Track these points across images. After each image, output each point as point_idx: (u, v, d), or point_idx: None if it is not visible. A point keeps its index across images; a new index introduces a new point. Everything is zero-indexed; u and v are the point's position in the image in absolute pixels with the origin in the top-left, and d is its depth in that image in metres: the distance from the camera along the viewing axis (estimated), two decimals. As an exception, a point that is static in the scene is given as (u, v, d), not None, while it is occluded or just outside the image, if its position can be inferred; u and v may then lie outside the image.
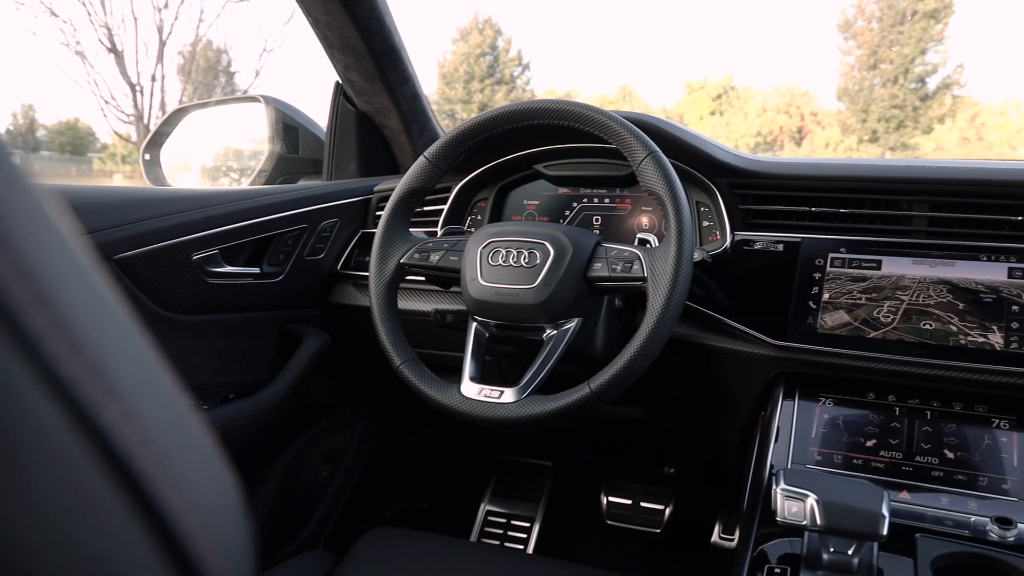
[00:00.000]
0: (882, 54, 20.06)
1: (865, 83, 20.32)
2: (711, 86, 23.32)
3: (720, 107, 23.01)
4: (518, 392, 1.11)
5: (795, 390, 1.25)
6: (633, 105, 23.68)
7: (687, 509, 1.96)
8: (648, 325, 1.04)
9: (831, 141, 20.16)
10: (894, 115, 19.68)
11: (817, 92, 25.24)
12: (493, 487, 2.14)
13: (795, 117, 21.33)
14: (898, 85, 19.74)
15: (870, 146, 19.54)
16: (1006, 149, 18.95)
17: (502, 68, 25.95)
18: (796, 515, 0.91)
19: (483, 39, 25.53)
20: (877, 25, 20.38)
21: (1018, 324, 1.12)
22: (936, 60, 19.92)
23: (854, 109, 20.46)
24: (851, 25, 20.77)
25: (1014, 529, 1.02)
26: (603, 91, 25.45)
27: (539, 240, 1.16)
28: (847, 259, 1.24)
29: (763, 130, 21.21)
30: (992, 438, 1.13)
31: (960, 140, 19.13)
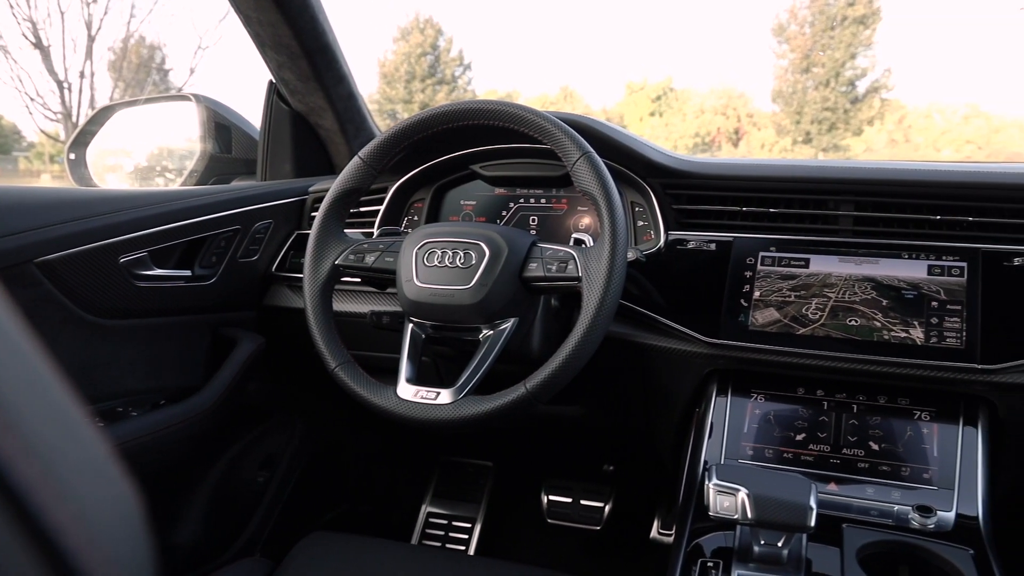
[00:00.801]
0: (814, 58, 20.61)
1: (798, 86, 20.85)
2: (651, 87, 23.63)
3: (659, 108, 23.33)
4: (454, 393, 1.11)
5: (728, 387, 1.27)
6: (574, 106, 23.84)
7: (626, 506, 1.98)
8: (582, 325, 1.05)
9: (767, 142, 20.62)
10: (826, 117, 20.24)
11: (753, 94, 25.82)
12: (434, 488, 2.13)
13: (732, 118, 21.76)
14: (830, 88, 20.30)
15: (804, 147, 20.05)
16: (931, 151, 19.65)
17: (443, 68, 25.85)
18: (728, 509, 0.93)
19: (424, 39, 25.40)
20: (809, 30, 20.93)
21: (937, 319, 1.16)
22: (865, 64, 20.56)
23: (788, 111, 20.98)
24: (784, 29, 21.27)
25: (934, 516, 1.06)
26: (544, 91, 25.56)
27: (474, 241, 1.16)
28: (777, 258, 1.27)
29: (701, 131, 21.58)
30: (914, 429, 1.17)
31: (888, 142, 19.76)
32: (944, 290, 1.17)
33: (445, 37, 25.50)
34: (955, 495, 1.10)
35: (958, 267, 1.18)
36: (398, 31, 25.60)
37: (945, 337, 1.15)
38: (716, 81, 30.29)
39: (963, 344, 1.13)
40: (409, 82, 25.43)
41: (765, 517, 0.91)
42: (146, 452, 1.31)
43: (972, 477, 1.11)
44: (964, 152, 19.07)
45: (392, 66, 25.55)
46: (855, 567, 0.97)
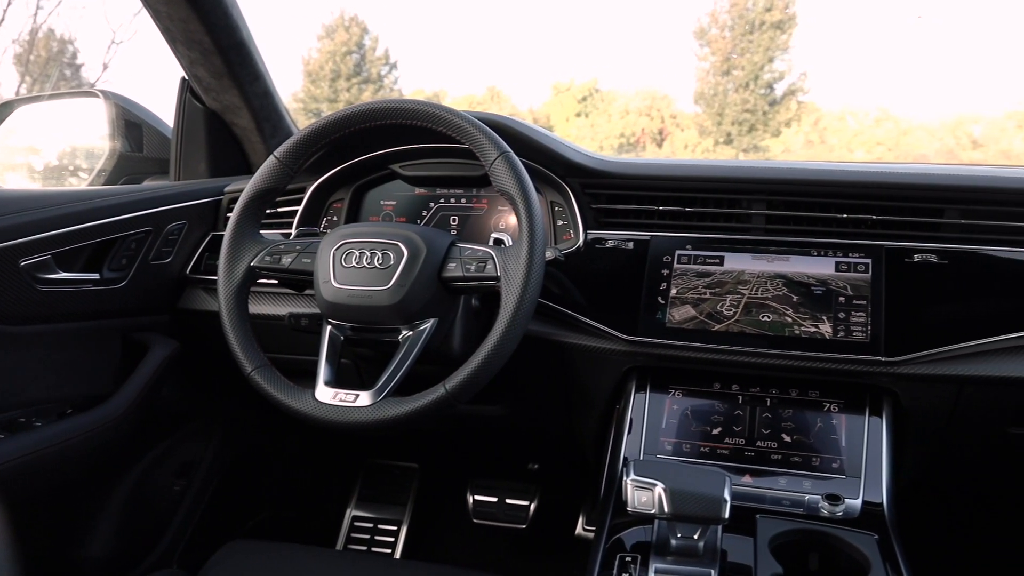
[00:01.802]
0: (734, 61, 21.14)
1: (719, 88, 21.34)
2: (576, 88, 23.85)
3: (585, 109, 23.56)
4: (374, 395, 1.10)
5: (647, 383, 1.30)
6: (501, 106, 23.90)
7: (552, 503, 2.00)
8: (501, 324, 1.06)
9: (689, 143, 21.04)
10: (746, 119, 20.77)
11: (676, 96, 26.30)
12: (359, 492, 2.11)
13: (656, 119, 22.12)
14: (749, 90, 20.83)
15: (725, 148, 20.53)
16: (845, 152, 20.37)
17: (369, 67, 25.56)
18: (645, 504, 0.95)
19: (349, 37, 25.05)
20: (729, 33, 21.45)
21: (844, 314, 1.20)
22: (783, 68, 21.17)
23: (710, 112, 21.45)
24: (706, 33, 21.75)
25: (842, 504, 1.10)
26: (471, 91, 25.56)
27: (392, 241, 1.15)
28: (693, 256, 1.30)
29: (626, 131, 21.87)
30: (824, 421, 1.22)
31: (805, 143, 20.40)
32: (850, 286, 1.22)
33: (371, 36, 25.21)
34: (862, 483, 1.14)
35: (863, 263, 1.23)
36: (323, 29, 25.19)
37: (852, 331, 1.19)
38: (640, 83, 30.82)
39: (868, 337, 1.18)
40: (334, 81, 25.06)
41: (681, 511, 0.94)
42: (51, 464, 1.26)
43: (877, 465, 1.16)
44: (875, 153, 19.84)
45: (317, 64, 25.13)
46: (767, 556, 1.00)
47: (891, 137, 19.97)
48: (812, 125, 21.04)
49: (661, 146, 21.49)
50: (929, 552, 1.41)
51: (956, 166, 1.36)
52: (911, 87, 25.82)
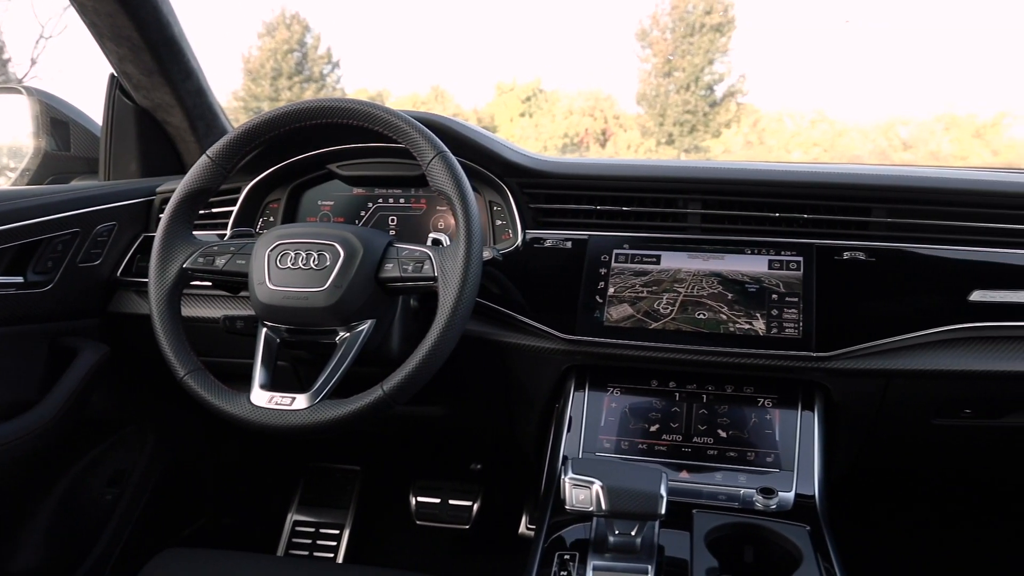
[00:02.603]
0: (675, 63, 21.41)
1: (661, 89, 21.58)
2: (520, 88, 23.89)
3: (529, 109, 23.62)
4: (310, 398, 1.09)
5: (585, 382, 1.31)
6: (445, 106, 23.79)
7: (495, 503, 2.00)
8: (439, 324, 1.05)
9: (632, 143, 21.24)
10: (687, 120, 21.07)
11: (619, 96, 26.51)
12: (300, 496, 2.08)
13: (599, 120, 22.27)
14: (690, 92, 21.13)
15: (667, 148, 20.79)
16: (783, 152, 20.82)
17: (311, 66, 25.19)
18: (583, 502, 0.96)
19: (291, 35, 24.66)
20: (670, 35, 21.73)
21: (777, 311, 1.23)
22: (722, 70, 21.52)
23: (652, 113, 21.70)
24: (647, 34, 21.99)
25: (775, 497, 1.13)
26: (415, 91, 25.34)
27: (328, 241, 1.14)
28: (630, 255, 1.31)
29: (570, 132, 21.97)
30: (759, 416, 1.24)
31: (745, 143, 20.78)
32: (783, 283, 1.24)
33: (312, 34, 24.85)
34: (794, 476, 1.17)
35: (795, 261, 1.26)
36: (263, 26, 24.72)
37: (784, 328, 1.21)
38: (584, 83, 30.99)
39: (800, 334, 1.21)
40: (276, 79, 24.64)
41: (618, 508, 0.94)
42: None
43: (810, 459, 1.19)
44: (812, 154, 20.32)
45: (257, 62, 24.68)
46: (703, 550, 1.01)
47: (827, 138, 20.47)
48: (751, 126, 21.45)
49: (605, 146, 21.66)
50: (860, 541, 1.46)
51: (883, 166, 1.41)
52: (845, 90, 26.50)
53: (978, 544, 1.85)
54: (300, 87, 24.61)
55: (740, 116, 21.43)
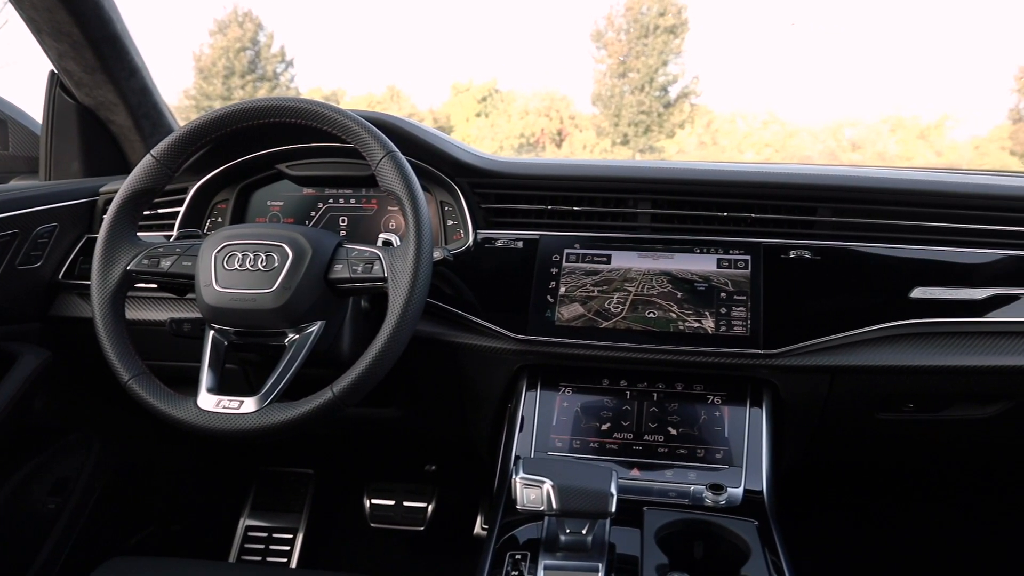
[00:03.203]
0: (630, 63, 21.61)
1: (616, 90, 21.77)
2: (476, 88, 23.87)
3: (485, 109, 23.61)
4: (259, 401, 1.07)
5: (537, 381, 1.31)
6: (400, 105, 23.66)
7: (450, 504, 1.99)
8: (389, 326, 1.05)
9: (588, 143, 21.38)
10: (642, 120, 21.28)
11: (574, 97, 26.69)
12: (252, 501, 2.05)
13: (555, 120, 22.37)
14: (644, 93, 21.35)
15: (622, 148, 20.98)
16: (736, 153, 21.16)
17: (264, 64, 24.86)
18: (534, 502, 0.96)
19: (243, 33, 24.30)
20: (625, 37, 21.91)
21: (726, 309, 1.25)
22: (676, 71, 21.79)
23: (607, 114, 21.86)
24: (602, 35, 22.15)
25: (724, 493, 1.14)
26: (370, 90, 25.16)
27: (277, 242, 1.12)
28: (581, 254, 1.32)
29: (526, 132, 22.03)
30: (708, 413, 1.26)
31: (699, 144, 21.06)
32: (731, 282, 1.26)
33: (266, 32, 24.54)
34: (743, 472, 1.18)
35: (743, 260, 1.28)
36: (215, 24, 24.34)
37: (732, 325, 1.23)
38: (539, 84, 31.14)
39: (748, 332, 1.22)
40: (228, 78, 24.27)
41: (569, 507, 0.95)
42: None
43: (758, 454, 1.21)
44: (764, 154, 20.67)
45: (209, 60, 24.29)
46: (653, 547, 1.02)
47: (778, 139, 20.85)
48: (705, 127, 21.74)
49: (560, 146, 21.78)
50: (808, 534, 1.48)
51: (828, 167, 1.44)
52: (795, 92, 27.04)
53: (923, 534, 1.90)
54: (253, 86, 24.27)
55: (694, 117, 21.71)
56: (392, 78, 36.90)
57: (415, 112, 23.27)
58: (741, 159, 17.07)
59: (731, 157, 21.39)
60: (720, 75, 26.32)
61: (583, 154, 21.59)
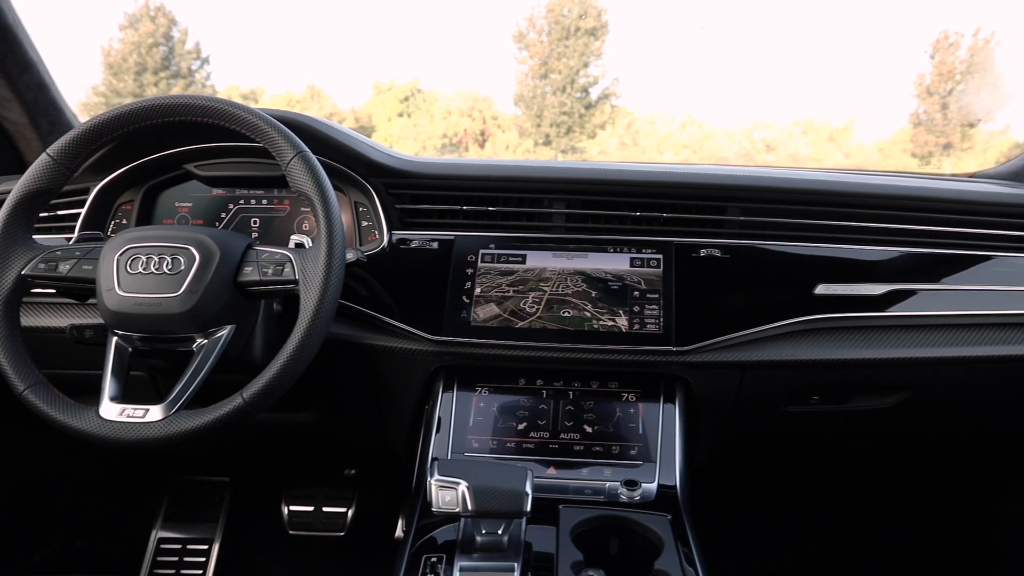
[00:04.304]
0: (551, 65, 21.79)
1: (538, 91, 21.91)
2: (398, 88, 23.67)
3: (408, 109, 23.43)
4: (165, 409, 1.04)
5: (454, 382, 1.31)
6: (321, 105, 23.29)
7: (370, 508, 1.97)
8: (300, 329, 1.03)
9: (511, 144, 21.46)
10: (563, 121, 21.48)
11: (497, 97, 26.72)
12: (164, 512, 1.99)
13: (478, 120, 22.36)
14: (566, 94, 21.56)
15: (545, 149, 21.13)
16: (656, 154, 21.58)
17: (179, 61, 24.11)
18: (450, 503, 0.96)
19: (156, 28, 23.50)
20: (547, 38, 22.07)
21: (639, 308, 1.27)
22: (597, 73, 22.06)
23: (529, 115, 21.99)
24: (524, 36, 22.27)
25: (639, 489, 1.16)
26: (290, 89, 24.65)
27: (183, 245, 1.09)
28: (496, 255, 1.32)
29: (449, 132, 21.96)
30: (623, 410, 1.27)
31: (619, 145, 21.38)
32: (644, 280, 1.28)
33: (180, 27, 23.79)
34: (657, 468, 1.20)
35: (655, 259, 1.30)
36: (125, 18, 23.47)
37: (646, 323, 1.25)
38: (462, 84, 31.07)
39: (660, 329, 1.25)
40: (140, 74, 23.43)
41: (484, 507, 0.95)
42: None
43: (672, 450, 1.23)
44: (682, 155, 21.13)
45: (119, 56, 23.41)
46: (568, 544, 1.03)
47: (696, 140, 21.33)
48: (625, 128, 22.08)
49: (483, 147, 21.80)
50: (722, 527, 1.52)
51: (737, 167, 1.47)
52: (712, 94, 27.71)
53: (832, 523, 1.97)
54: (167, 83, 23.50)
55: (615, 118, 22.03)
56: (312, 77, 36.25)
57: (336, 111, 22.94)
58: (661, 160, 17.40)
59: (651, 158, 21.77)
60: (640, 77, 26.81)
61: (506, 154, 21.65)
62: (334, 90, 30.14)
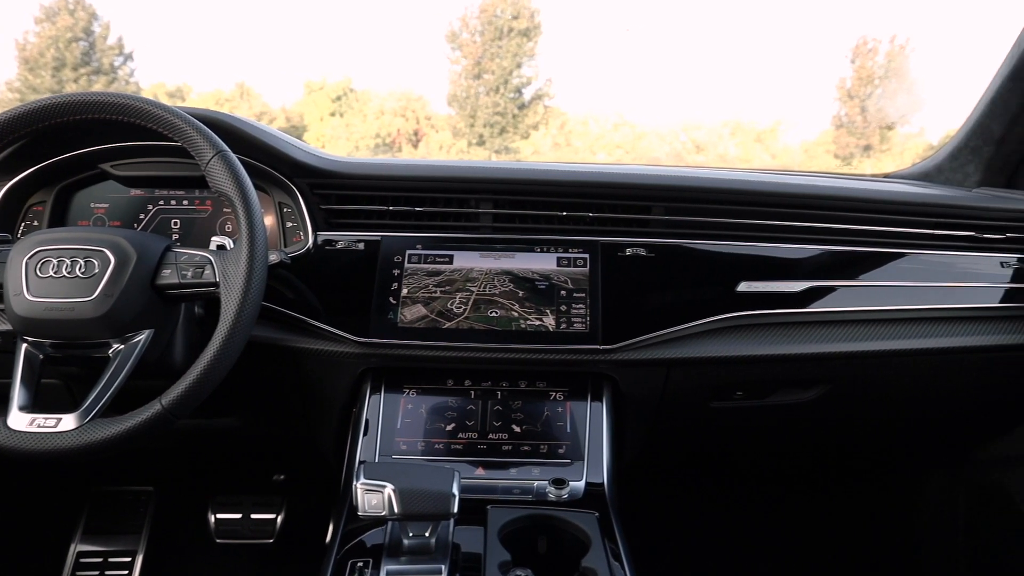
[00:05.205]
0: (485, 65, 21.83)
1: (471, 91, 21.94)
2: (330, 87, 23.37)
3: (340, 108, 23.16)
4: (79, 417, 1.01)
5: (381, 384, 1.29)
6: (251, 104, 22.83)
7: (300, 513, 1.94)
8: (220, 333, 1.01)
9: (444, 144, 21.43)
10: (497, 121, 21.56)
11: (430, 97, 26.65)
12: (85, 524, 1.92)
13: (411, 120, 22.25)
14: (499, 94, 21.64)
15: (478, 149, 21.17)
16: (588, 154, 21.83)
17: (100, 56, 23.34)
18: (376, 507, 0.95)
19: (75, 22, 22.71)
20: (480, 38, 22.10)
21: (566, 307, 1.28)
22: (530, 73, 22.20)
23: (463, 115, 21.99)
24: (457, 36, 22.25)
25: (567, 487, 1.17)
26: (219, 87, 24.10)
27: (97, 247, 1.06)
28: (423, 255, 1.31)
29: (382, 132, 21.79)
30: (551, 409, 1.28)
31: (553, 145, 21.56)
32: (571, 280, 1.29)
33: (100, 22, 23.04)
34: (585, 466, 1.21)
35: (582, 258, 1.31)
36: (42, 11, 22.61)
37: (573, 322, 1.26)
38: (395, 84, 30.89)
39: (587, 328, 1.26)
40: (58, 70, 22.60)
41: (411, 510, 0.94)
42: None
43: (599, 448, 1.24)
44: (615, 156, 21.44)
45: (36, 50, 22.53)
46: (496, 544, 1.03)
47: (628, 141, 21.65)
48: (559, 128, 22.26)
49: (417, 147, 21.71)
50: (650, 523, 1.54)
51: (662, 167, 1.50)
52: (644, 95, 28.16)
53: (757, 514, 2.02)
54: (88, 79, 22.72)
55: (548, 119, 22.19)
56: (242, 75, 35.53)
57: (267, 110, 22.54)
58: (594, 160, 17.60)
59: (584, 158, 22.01)
60: (573, 78, 27.09)
61: (440, 155, 21.61)
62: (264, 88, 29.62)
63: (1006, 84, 1.59)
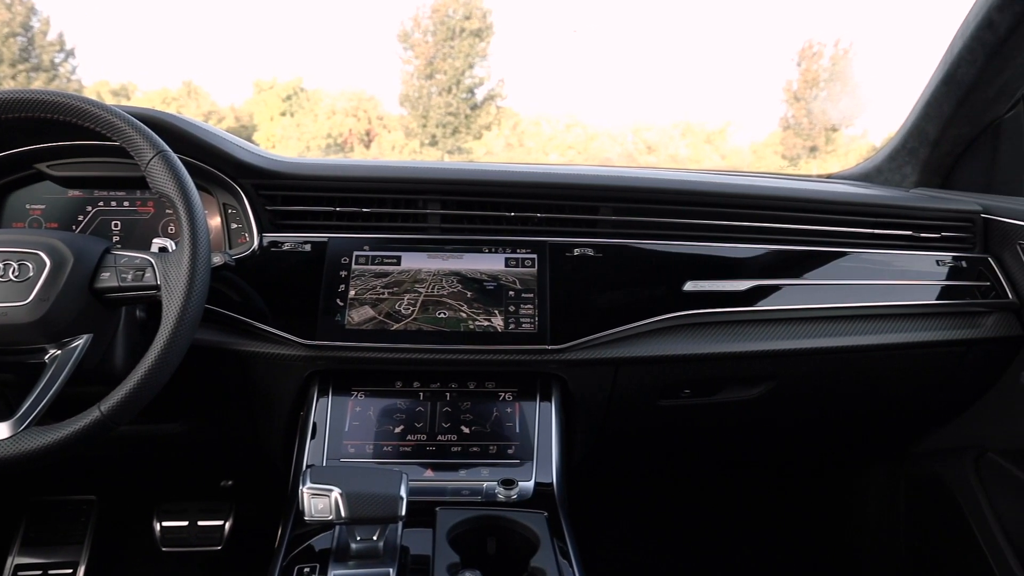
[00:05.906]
0: (437, 65, 21.76)
1: (424, 91, 21.85)
2: (280, 86, 23.05)
3: (291, 108, 22.86)
4: (13, 426, 0.97)
5: (329, 387, 1.28)
6: (199, 103, 22.40)
7: (248, 519, 1.91)
8: (162, 337, 0.98)
9: (397, 144, 21.29)
10: (449, 121, 21.51)
11: (382, 97, 26.46)
12: (23, 536, 1.86)
13: (363, 120, 22.07)
14: (452, 94, 21.58)
15: (431, 149, 21.08)
16: (541, 155, 21.89)
17: (40, 53, 22.69)
18: (323, 511, 0.94)
19: (12, 16, 22.04)
20: (432, 38, 22.02)
21: (514, 307, 1.28)
22: (482, 74, 22.20)
23: (415, 115, 21.89)
24: (409, 36, 22.14)
25: (516, 488, 1.17)
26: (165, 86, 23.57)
27: (31, 250, 1.03)
28: (371, 256, 1.30)
29: (333, 132, 21.57)
30: (500, 410, 1.28)
31: (506, 146, 21.58)
32: (519, 280, 1.30)
33: (40, 17, 22.40)
34: (534, 466, 1.22)
35: (530, 259, 1.32)
36: (-25, 6, 21.89)
37: (521, 323, 1.27)
38: (346, 83, 30.61)
39: (536, 328, 1.26)
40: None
41: (358, 514, 0.93)
42: None
43: (548, 448, 1.24)
44: (567, 156, 21.53)
45: (-30, 46, 21.81)
46: (445, 546, 1.03)
47: (580, 142, 21.77)
48: (511, 129, 22.29)
49: (369, 147, 21.55)
50: (599, 521, 1.55)
51: (610, 168, 1.51)
52: (595, 96, 28.35)
53: (705, 511, 2.05)
54: (27, 76, 22.08)
55: (500, 119, 22.21)
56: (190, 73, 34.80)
57: (215, 110, 22.15)
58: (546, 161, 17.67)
59: (537, 159, 22.08)
60: (526, 79, 27.08)
61: (392, 155, 21.48)
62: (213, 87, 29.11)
63: (940, 88, 1.64)
